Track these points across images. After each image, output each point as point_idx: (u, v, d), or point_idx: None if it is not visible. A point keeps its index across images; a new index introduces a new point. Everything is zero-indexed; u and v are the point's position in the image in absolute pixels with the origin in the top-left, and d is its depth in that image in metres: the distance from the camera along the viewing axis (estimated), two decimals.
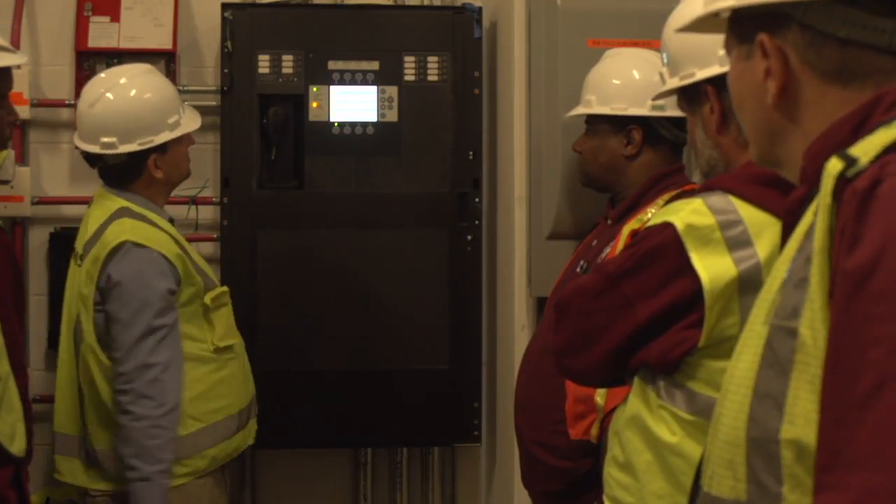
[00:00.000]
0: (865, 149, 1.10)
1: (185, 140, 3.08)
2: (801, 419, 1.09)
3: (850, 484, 1.01)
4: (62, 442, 2.97)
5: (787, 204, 1.24)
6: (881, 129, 1.13)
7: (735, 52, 1.30)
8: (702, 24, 1.37)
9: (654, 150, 2.73)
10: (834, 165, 1.10)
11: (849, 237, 1.06)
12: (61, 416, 2.97)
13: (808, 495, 1.08)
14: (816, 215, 1.12)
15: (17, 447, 2.50)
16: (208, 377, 2.91)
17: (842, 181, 1.09)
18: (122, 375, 2.79)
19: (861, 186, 1.06)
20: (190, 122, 3.09)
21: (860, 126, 1.16)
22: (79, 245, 2.99)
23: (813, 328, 1.09)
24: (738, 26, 1.29)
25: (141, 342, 2.79)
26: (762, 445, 1.14)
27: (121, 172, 2.98)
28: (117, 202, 2.95)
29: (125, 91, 3.01)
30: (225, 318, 2.98)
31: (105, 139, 2.96)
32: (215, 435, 2.92)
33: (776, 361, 1.13)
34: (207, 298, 2.91)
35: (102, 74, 3.09)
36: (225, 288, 3.02)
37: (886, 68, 1.18)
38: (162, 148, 2.99)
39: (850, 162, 1.09)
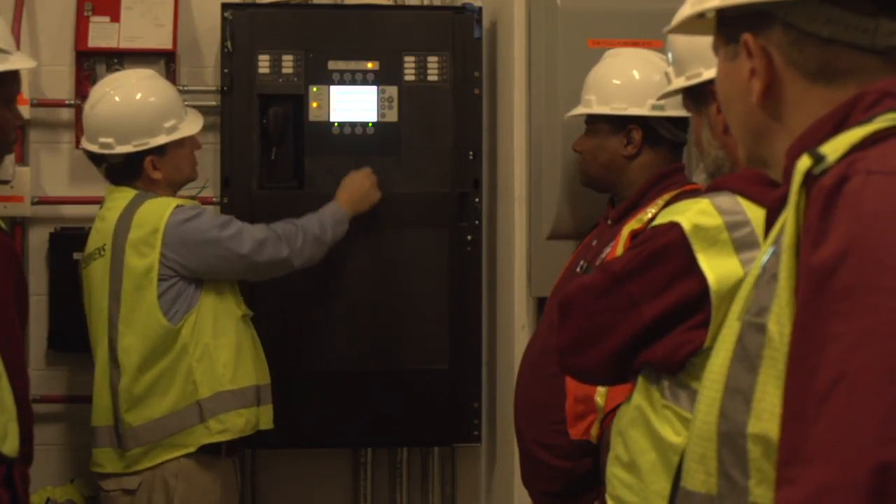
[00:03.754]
0: (834, 146, 1.10)
1: (186, 143, 3.13)
2: (767, 414, 1.10)
3: (806, 478, 1.02)
4: (99, 434, 3.09)
5: (769, 201, 1.24)
6: (859, 127, 1.13)
7: (722, 53, 1.30)
8: (690, 26, 1.37)
9: (653, 150, 2.73)
10: (803, 163, 1.10)
11: (814, 234, 1.06)
12: (98, 411, 3.09)
13: (773, 489, 1.09)
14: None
15: (9, 447, 2.49)
16: (236, 342, 3.07)
17: (810, 178, 1.09)
18: (251, 258, 3.06)
19: (827, 184, 1.06)
20: (188, 126, 3.14)
21: (840, 125, 1.16)
22: (99, 242, 3.05)
23: (780, 324, 1.09)
24: (724, 27, 1.29)
25: (242, 230, 3.06)
26: (731, 440, 1.15)
27: (121, 171, 3.08)
28: (132, 192, 3.06)
29: (125, 94, 3.10)
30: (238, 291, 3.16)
31: (103, 139, 3.07)
32: (244, 399, 3.07)
33: (746, 357, 1.14)
34: None
35: (107, 77, 3.18)
36: None
37: (869, 67, 1.18)
38: (160, 150, 3.05)
39: (819, 159, 1.09)
